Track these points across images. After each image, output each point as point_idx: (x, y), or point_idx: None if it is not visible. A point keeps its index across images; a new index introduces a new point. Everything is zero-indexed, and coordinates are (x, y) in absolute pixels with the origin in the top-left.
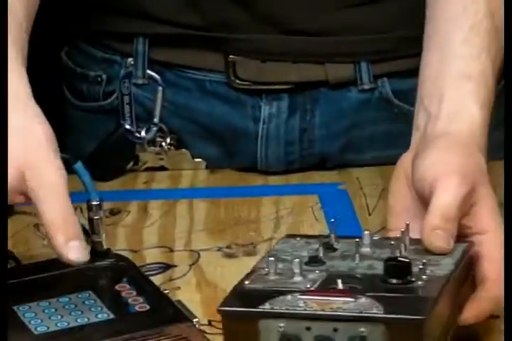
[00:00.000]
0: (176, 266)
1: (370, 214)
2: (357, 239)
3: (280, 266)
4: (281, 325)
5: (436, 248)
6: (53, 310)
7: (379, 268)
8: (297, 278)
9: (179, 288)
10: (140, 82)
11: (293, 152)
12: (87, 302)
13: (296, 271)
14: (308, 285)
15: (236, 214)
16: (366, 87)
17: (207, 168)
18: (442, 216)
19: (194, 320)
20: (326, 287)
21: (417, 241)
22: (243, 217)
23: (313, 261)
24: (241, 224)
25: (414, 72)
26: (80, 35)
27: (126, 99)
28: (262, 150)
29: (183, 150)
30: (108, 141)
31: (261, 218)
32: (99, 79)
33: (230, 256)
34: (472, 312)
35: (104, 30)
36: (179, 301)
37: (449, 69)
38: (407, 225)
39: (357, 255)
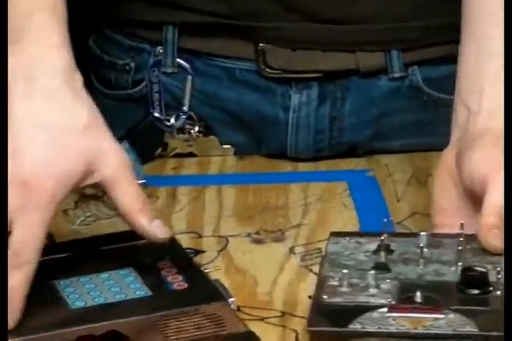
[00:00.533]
0: (204, 251)
1: (398, 201)
2: (411, 238)
3: (350, 274)
4: None
5: (494, 246)
6: (93, 285)
7: (447, 273)
8: (373, 290)
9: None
10: (169, 70)
11: (322, 140)
12: (126, 279)
13: (372, 282)
14: (390, 299)
15: (264, 201)
16: (397, 75)
17: (235, 154)
18: (497, 214)
19: (230, 300)
20: (406, 299)
21: (473, 238)
22: (271, 203)
23: (380, 267)
24: (269, 210)
25: (444, 60)
26: (108, 23)
27: (155, 87)
28: (292, 138)
29: (212, 137)
30: (137, 129)
31: (289, 204)
32: (127, 68)
33: (258, 242)
34: None
35: (132, 18)
36: (217, 280)
37: (488, 67)
38: (462, 224)
39: (421, 260)
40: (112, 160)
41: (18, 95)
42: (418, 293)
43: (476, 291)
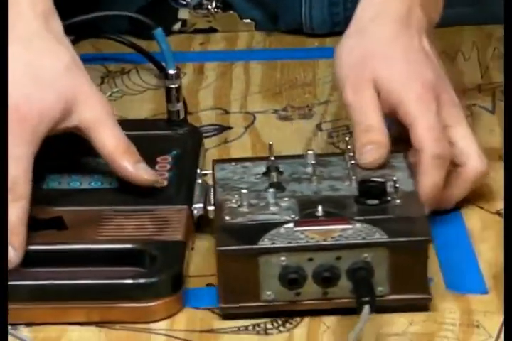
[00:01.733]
0: (231, 128)
1: None
2: (297, 159)
3: (247, 195)
4: (283, 258)
5: (366, 164)
6: (83, 168)
7: (343, 188)
8: (273, 208)
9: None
10: None
11: (338, 13)
12: None
13: (272, 201)
14: (293, 215)
15: (292, 77)
16: None
17: (255, 29)
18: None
19: (196, 206)
20: (308, 215)
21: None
22: (299, 79)
23: (274, 187)
24: (297, 86)
25: None
26: None
27: None
28: (306, 11)
29: (231, 12)
30: (147, 8)
31: (317, 81)
32: None
33: (285, 118)
34: None
35: None
36: (203, 183)
37: None
38: (347, 141)
39: (314, 177)
40: (93, 104)
41: None
42: (319, 208)
43: (375, 201)
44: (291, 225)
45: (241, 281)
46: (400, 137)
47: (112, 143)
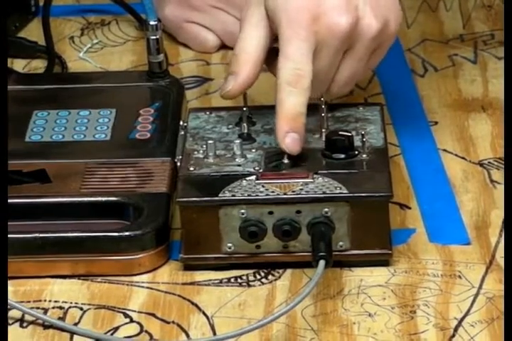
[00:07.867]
0: (212, 79)
1: (408, 28)
2: (272, 109)
3: (215, 146)
4: (243, 211)
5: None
6: (64, 121)
7: (312, 140)
8: (239, 160)
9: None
10: None
11: None
12: (100, 120)
13: (238, 152)
14: (257, 168)
15: None
16: None
17: None
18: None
19: (178, 157)
20: (273, 167)
21: (334, 107)
22: None
23: (244, 138)
24: None
25: None
26: None
27: None
28: None
29: None
30: None
31: None
32: None
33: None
34: None
35: None
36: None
37: None
38: (322, 100)
39: None
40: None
41: None
42: (285, 161)
43: (342, 156)
44: (253, 178)
45: (202, 233)
46: None
47: None
